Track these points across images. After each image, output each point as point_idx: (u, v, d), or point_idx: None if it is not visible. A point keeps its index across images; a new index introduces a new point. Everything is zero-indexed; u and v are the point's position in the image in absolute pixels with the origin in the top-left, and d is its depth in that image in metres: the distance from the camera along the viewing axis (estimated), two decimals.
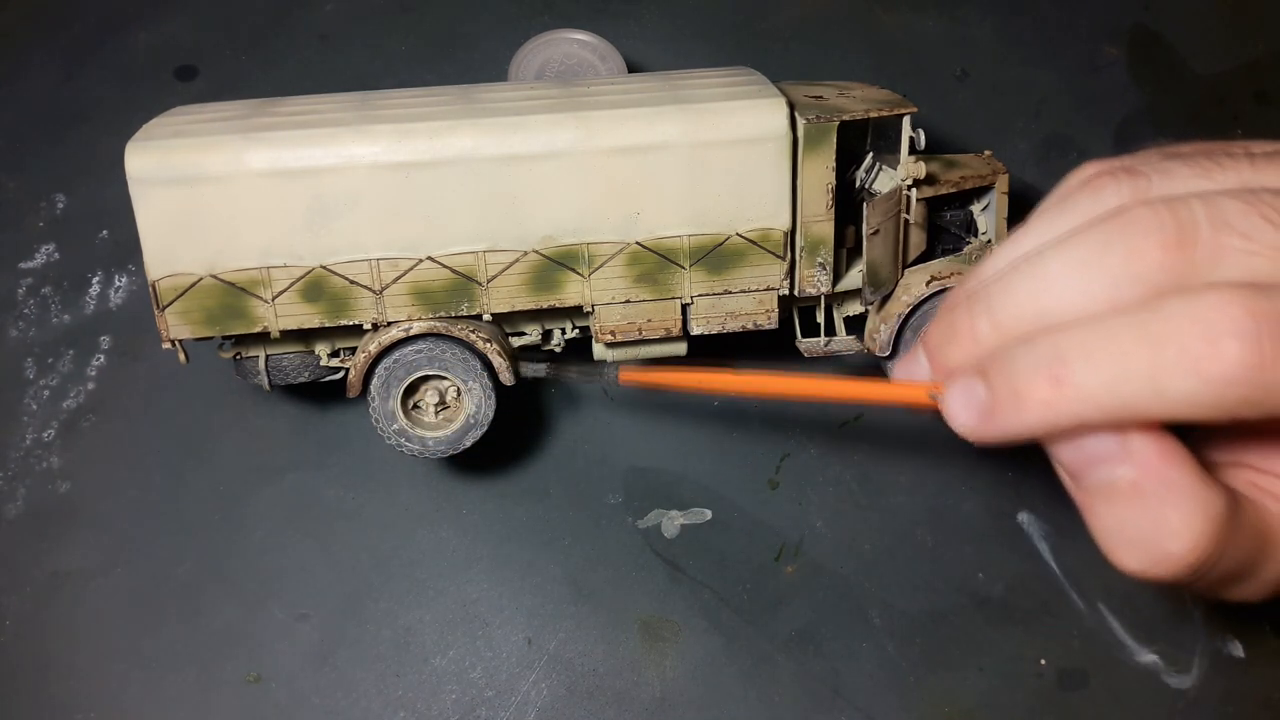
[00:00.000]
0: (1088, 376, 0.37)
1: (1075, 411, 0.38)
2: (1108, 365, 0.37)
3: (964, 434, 0.42)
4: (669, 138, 0.59)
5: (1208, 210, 0.38)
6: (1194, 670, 0.68)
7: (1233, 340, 0.35)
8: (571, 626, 0.68)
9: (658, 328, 0.63)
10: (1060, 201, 0.43)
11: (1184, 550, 0.38)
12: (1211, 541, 0.38)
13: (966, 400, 0.41)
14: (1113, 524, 0.40)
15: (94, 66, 0.85)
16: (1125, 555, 0.39)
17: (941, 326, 0.44)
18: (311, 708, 0.66)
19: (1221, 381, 0.35)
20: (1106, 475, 0.39)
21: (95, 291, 0.77)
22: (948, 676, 0.67)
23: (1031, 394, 0.39)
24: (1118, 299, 0.38)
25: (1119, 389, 0.37)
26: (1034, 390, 0.39)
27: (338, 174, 0.58)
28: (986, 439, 0.41)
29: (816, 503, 0.72)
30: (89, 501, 0.71)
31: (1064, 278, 0.40)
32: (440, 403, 0.64)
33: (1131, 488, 0.39)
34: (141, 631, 0.67)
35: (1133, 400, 0.37)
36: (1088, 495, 0.41)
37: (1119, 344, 0.37)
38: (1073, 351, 0.38)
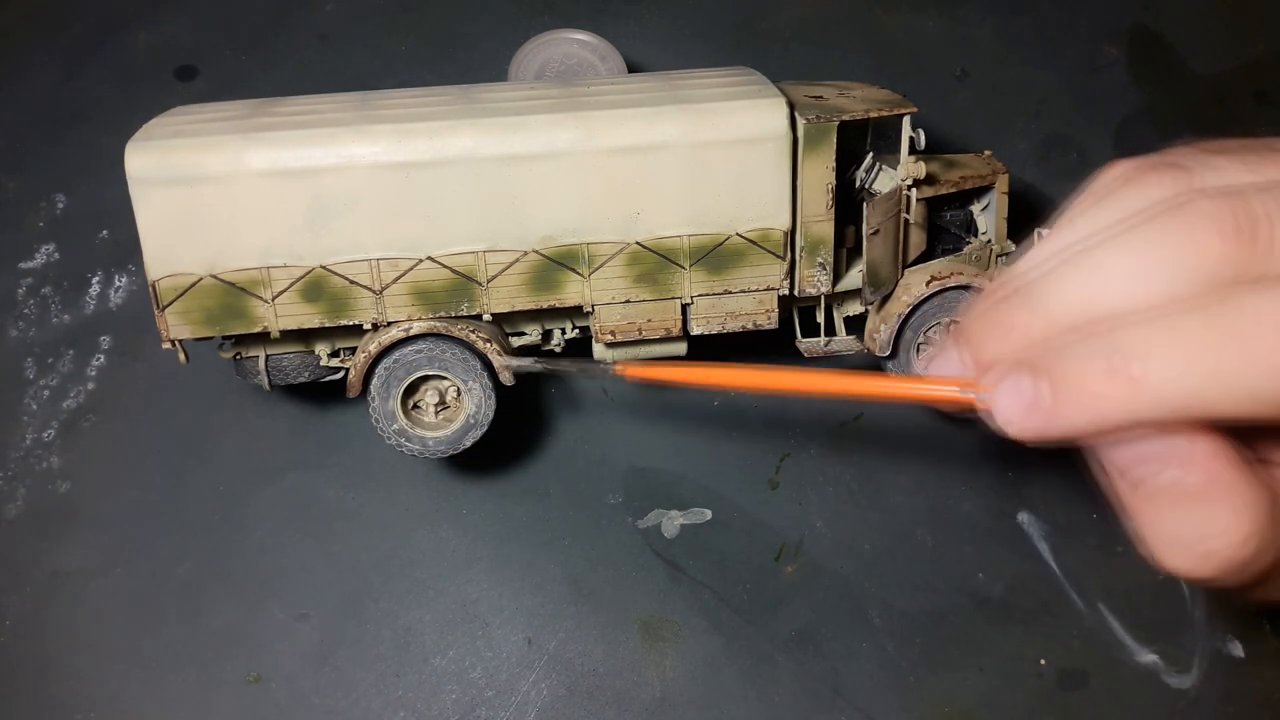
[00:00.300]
0: (1151, 371, 0.36)
1: (1135, 408, 0.36)
2: (1173, 359, 0.35)
3: (1011, 432, 0.40)
4: (669, 138, 0.59)
5: (1266, 202, 0.37)
6: (1194, 670, 0.68)
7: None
8: (571, 626, 0.68)
9: (658, 328, 0.63)
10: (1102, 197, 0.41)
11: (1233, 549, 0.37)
12: (1259, 540, 0.37)
13: (1015, 396, 0.39)
14: (1161, 525, 0.38)
15: (94, 66, 0.85)
16: (1173, 555, 0.38)
17: (984, 320, 0.42)
18: (311, 708, 0.66)
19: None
20: (1156, 476, 0.38)
21: (95, 291, 0.77)
22: (948, 676, 0.67)
23: (1088, 388, 0.37)
24: (1177, 292, 0.37)
25: (1184, 384, 0.35)
26: (1091, 384, 0.37)
27: (338, 174, 0.58)
28: (1036, 436, 0.39)
29: (816, 503, 0.72)
30: (89, 501, 0.71)
31: (1119, 269, 0.38)
32: (440, 403, 0.64)
33: (1182, 489, 0.37)
34: (141, 631, 0.67)
35: (1198, 396, 0.35)
36: (1135, 496, 0.39)
37: (1185, 337, 0.35)
38: (1134, 345, 0.36)
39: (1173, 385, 0.36)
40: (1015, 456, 0.74)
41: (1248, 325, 0.35)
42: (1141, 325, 0.37)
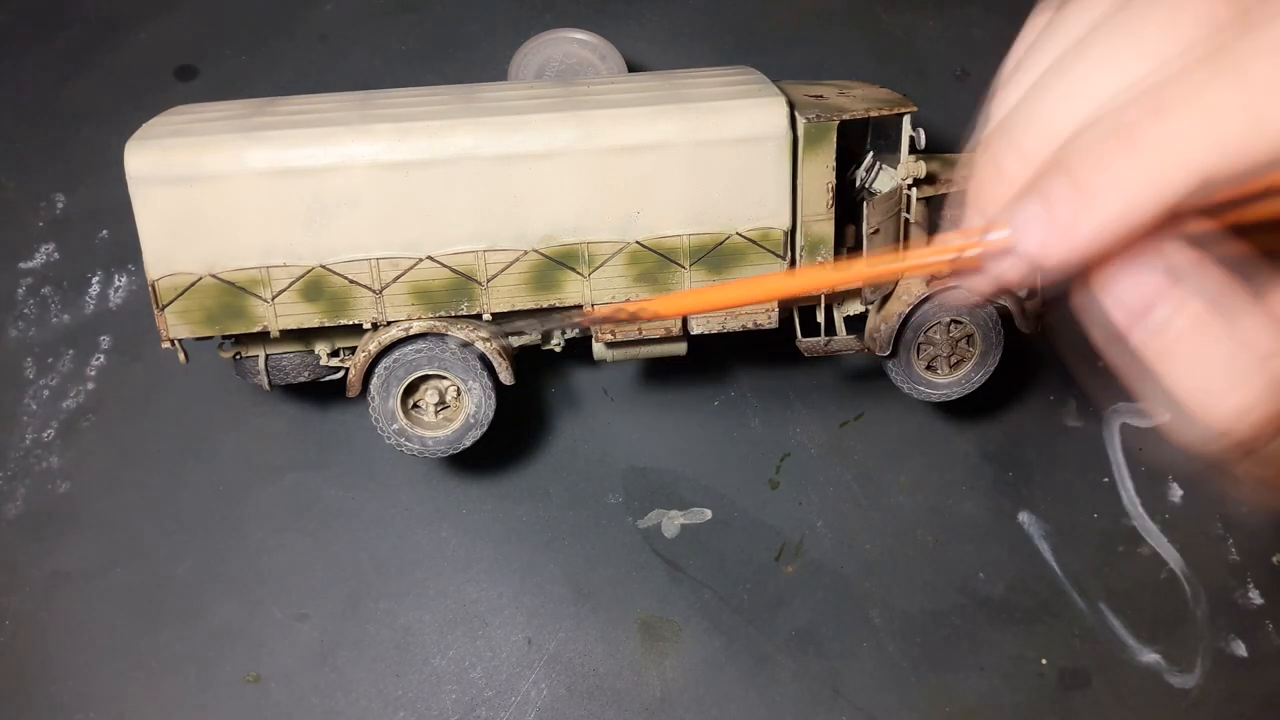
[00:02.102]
0: (1167, 127, 0.32)
1: (1162, 179, 0.32)
2: (1189, 108, 0.32)
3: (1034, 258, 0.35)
4: (669, 137, 0.59)
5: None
6: (1196, 670, 0.68)
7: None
8: (571, 626, 0.68)
9: (658, 327, 0.63)
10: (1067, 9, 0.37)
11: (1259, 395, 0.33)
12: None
13: (1032, 213, 0.34)
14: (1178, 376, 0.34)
15: (94, 66, 0.85)
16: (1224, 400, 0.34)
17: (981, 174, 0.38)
18: (311, 708, 0.66)
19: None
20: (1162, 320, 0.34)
21: (95, 291, 0.77)
22: (948, 676, 0.67)
23: (1108, 171, 0.32)
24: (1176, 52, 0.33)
25: (1209, 133, 0.31)
26: (1110, 164, 0.32)
27: (338, 173, 0.58)
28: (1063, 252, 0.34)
29: (816, 503, 0.72)
30: (89, 501, 0.71)
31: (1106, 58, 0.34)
32: (440, 402, 0.64)
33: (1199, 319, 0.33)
34: (141, 631, 0.67)
35: (1233, 144, 0.31)
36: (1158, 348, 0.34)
37: (1199, 83, 0.32)
38: (1143, 110, 0.32)
39: (1192, 136, 0.32)
40: (1015, 457, 0.74)
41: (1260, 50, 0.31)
42: (1151, 89, 0.33)
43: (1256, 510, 0.72)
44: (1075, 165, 0.33)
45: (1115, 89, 0.34)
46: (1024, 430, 0.75)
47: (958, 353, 0.66)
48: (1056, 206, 0.34)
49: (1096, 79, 0.34)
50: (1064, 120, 0.35)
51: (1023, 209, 0.35)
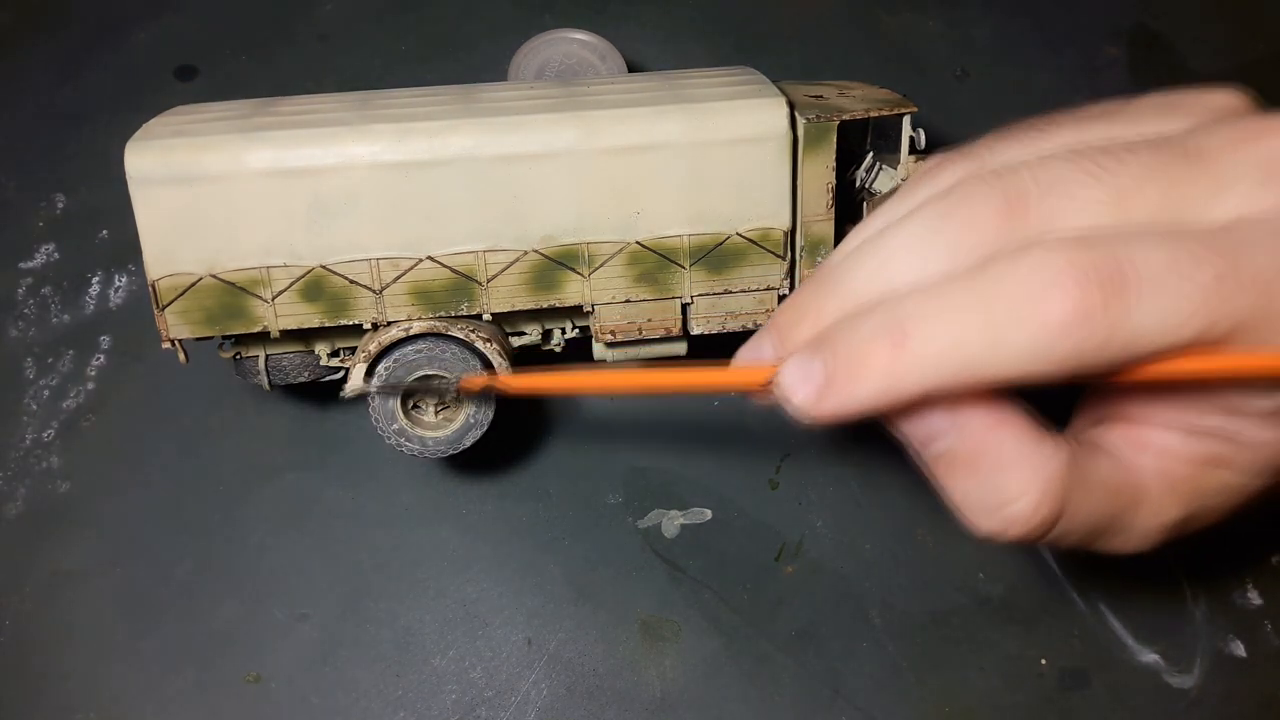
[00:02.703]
0: (926, 340, 0.38)
1: (916, 378, 0.38)
2: (945, 327, 0.37)
3: (800, 412, 0.41)
4: (669, 137, 0.59)
5: (1035, 174, 0.39)
6: (1195, 670, 0.68)
7: (1056, 291, 0.36)
8: (571, 626, 0.68)
9: (658, 327, 0.63)
10: (905, 189, 0.44)
11: (1027, 511, 0.39)
12: (1053, 500, 0.39)
13: (804, 375, 0.40)
14: (959, 493, 0.41)
15: (94, 66, 0.85)
16: (978, 521, 0.41)
17: (789, 307, 0.44)
18: (311, 708, 0.66)
19: (1051, 333, 0.36)
20: (945, 448, 0.40)
21: (95, 291, 0.77)
22: (948, 676, 0.67)
23: (871, 361, 0.39)
24: (955, 269, 0.39)
25: (958, 350, 0.37)
26: (874, 357, 0.38)
27: (338, 173, 0.58)
28: (823, 414, 0.40)
29: (816, 503, 0.72)
30: (89, 501, 0.71)
31: (904, 251, 0.40)
32: (440, 403, 0.64)
33: (967, 457, 0.40)
34: (141, 631, 0.67)
35: (972, 360, 0.37)
36: (935, 467, 0.41)
37: (954, 305, 0.37)
38: (911, 316, 0.38)
39: (944, 351, 0.38)
40: None
41: (1000, 287, 0.37)
42: (916, 296, 0.39)
43: (1256, 510, 0.72)
44: (853, 344, 0.39)
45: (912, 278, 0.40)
46: None
47: None
48: (828, 377, 0.40)
49: (901, 260, 0.40)
50: (863, 291, 0.41)
51: (799, 365, 0.41)
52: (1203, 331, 0.36)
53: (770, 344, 0.44)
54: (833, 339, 0.40)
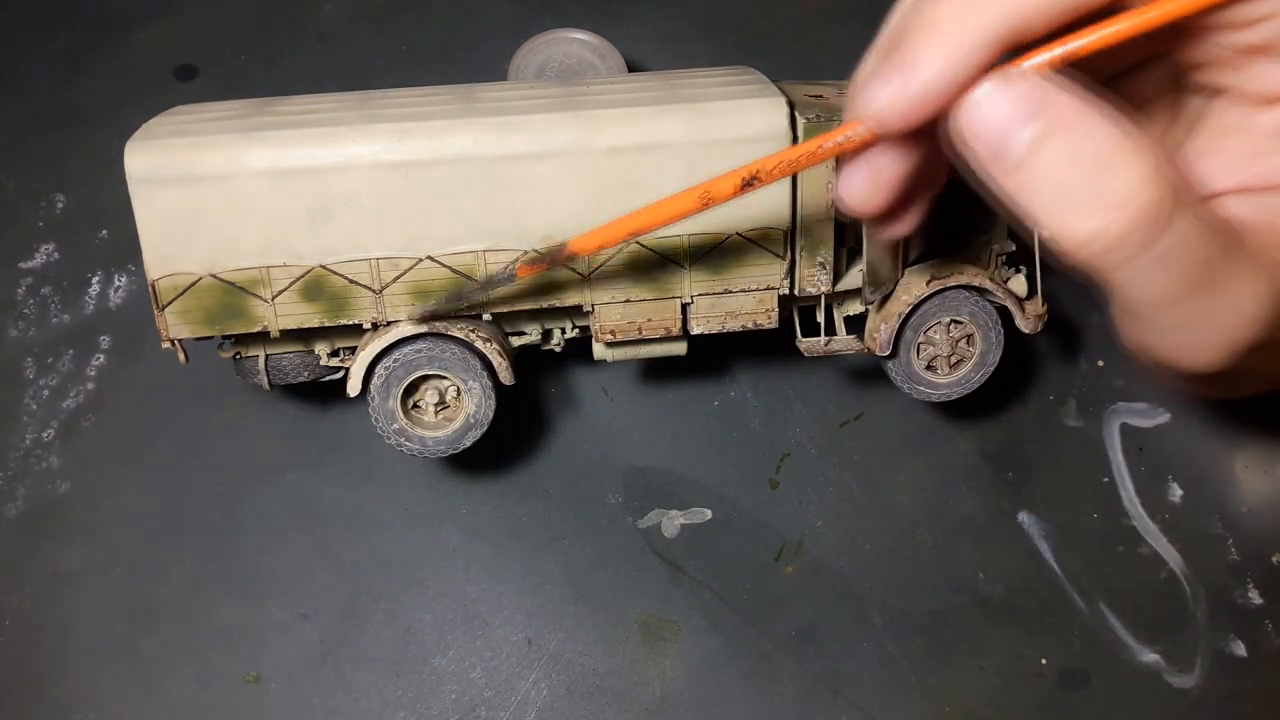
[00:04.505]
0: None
1: (987, 15, 0.35)
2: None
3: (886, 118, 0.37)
4: (669, 137, 0.59)
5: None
6: (1196, 670, 0.68)
7: None
8: (571, 626, 0.68)
9: (658, 327, 0.63)
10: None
11: (1137, 182, 0.35)
12: (1163, 176, 0.35)
13: (882, 76, 0.37)
14: (1051, 187, 0.36)
15: (94, 66, 0.85)
16: (1077, 219, 0.35)
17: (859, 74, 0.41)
18: (311, 708, 0.66)
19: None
20: (1033, 133, 0.36)
21: (95, 291, 0.77)
22: (948, 676, 0.67)
23: (940, 13, 0.36)
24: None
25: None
26: (942, 6, 0.36)
27: (337, 173, 0.58)
28: (912, 105, 0.37)
29: (816, 503, 0.72)
30: (89, 501, 0.71)
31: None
32: (440, 402, 0.64)
33: (1059, 141, 0.35)
34: (141, 631, 0.67)
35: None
36: (1016, 171, 0.36)
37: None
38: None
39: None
40: (1015, 457, 0.74)
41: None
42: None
43: (1256, 510, 0.72)
44: (919, 14, 0.37)
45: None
46: (1024, 430, 0.75)
47: (958, 353, 0.66)
48: (905, 58, 0.37)
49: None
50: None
51: (874, 73, 0.38)
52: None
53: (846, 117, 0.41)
54: (899, 28, 0.38)
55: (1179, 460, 0.74)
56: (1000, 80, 0.36)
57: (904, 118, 0.37)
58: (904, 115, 0.37)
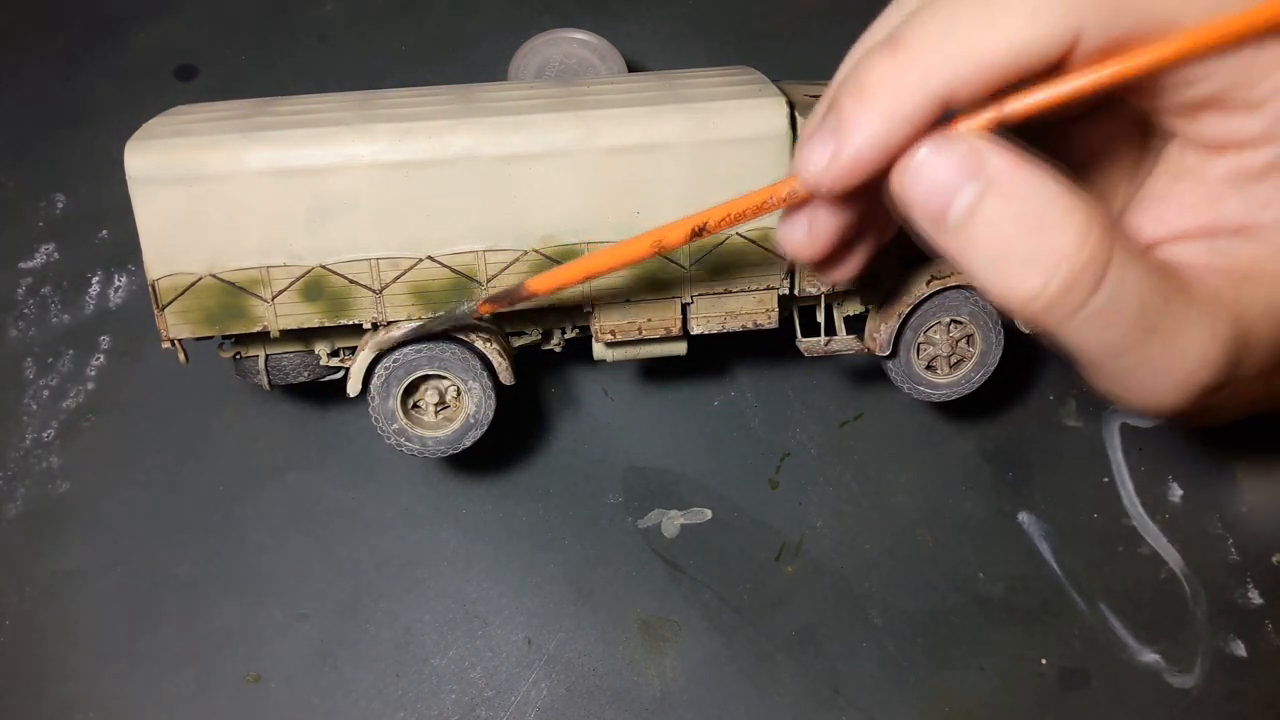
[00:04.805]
0: (921, 34, 0.36)
1: (920, 77, 0.36)
2: (940, 11, 0.36)
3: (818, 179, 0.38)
4: (669, 137, 0.59)
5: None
6: (1196, 670, 0.68)
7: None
8: (571, 626, 0.68)
9: (658, 327, 0.63)
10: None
11: (1076, 240, 0.35)
12: (1101, 231, 0.35)
13: (819, 139, 0.38)
14: (991, 248, 0.36)
15: (94, 66, 0.85)
16: (1017, 279, 0.36)
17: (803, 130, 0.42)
18: (311, 708, 0.66)
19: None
20: (970, 197, 0.36)
21: (95, 291, 0.77)
22: (948, 676, 0.67)
23: (873, 77, 0.36)
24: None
25: (955, 33, 0.36)
26: (873, 71, 0.36)
27: (338, 173, 0.58)
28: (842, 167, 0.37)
29: (816, 503, 0.72)
30: (89, 501, 0.71)
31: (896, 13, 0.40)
32: (440, 402, 0.64)
33: (996, 202, 0.36)
34: (141, 631, 0.67)
35: (972, 40, 0.35)
36: (956, 233, 0.37)
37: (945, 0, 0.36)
38: (906, 24, 0.37)
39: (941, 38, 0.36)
40: (1015, 457, 0.74)
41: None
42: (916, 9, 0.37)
43: (1256, 510, 0.72)
44: (854, 75, 0.37)
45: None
46: (1024, 430, 0.75)
47: (958, 353, 0.66)
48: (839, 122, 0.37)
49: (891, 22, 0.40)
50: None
51: (811, 135, 0.39)
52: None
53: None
54: (835, 90, 0.38)
55: (1179, 460, 0.74)
56: (936, 143, 0.37)
57: (837, 182, 0.38)
58: (836, 180, 0.38)
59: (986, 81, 0.36)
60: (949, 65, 0.36)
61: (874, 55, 0.37)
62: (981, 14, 0.35)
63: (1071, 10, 0.35)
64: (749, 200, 0.42)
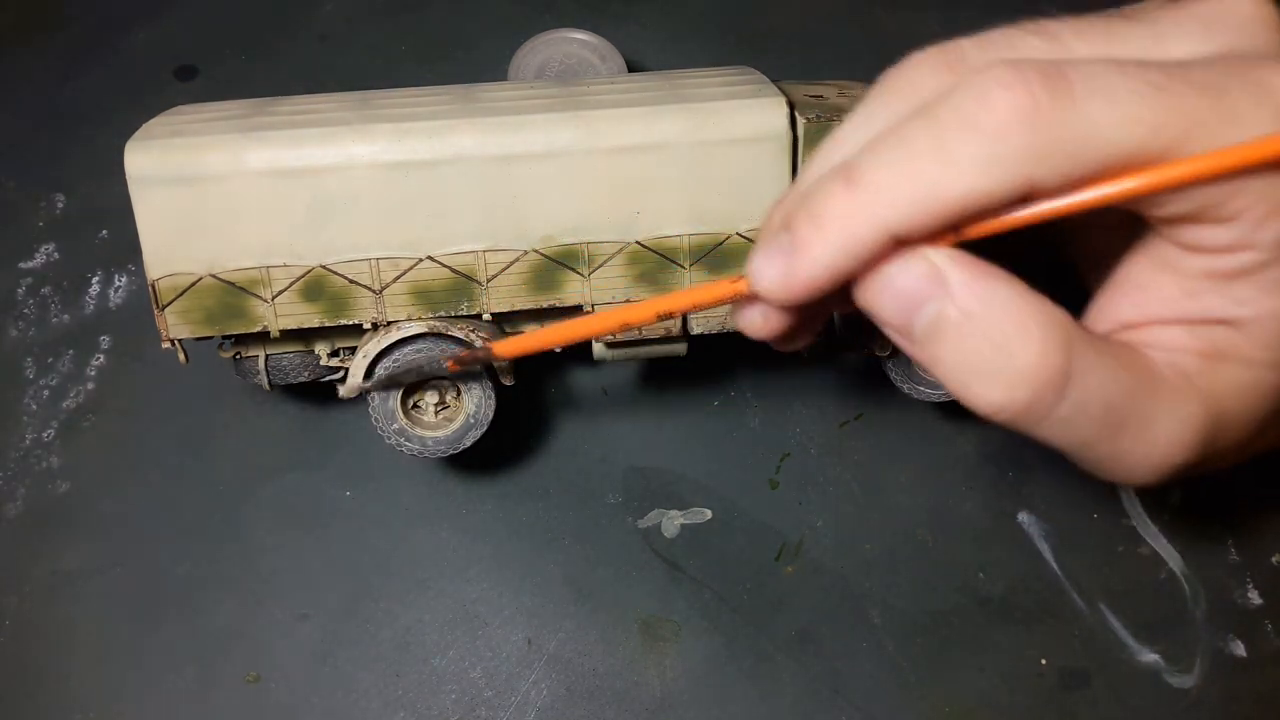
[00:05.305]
0: (876, 170, 0.37)
1: (872, 214, 0.37)
2: (893, 155, 0.37)
3: (769, 294, 0.40)
4: (669, 137, 0.59)
5: (974, 40, 0.41)
6: (1196, 670, 0.68)
7: (999, 90, 0.35)
8: (571, 626, 0.68)
9: (658, 327, 0.63)
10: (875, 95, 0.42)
11: (1035, 358, 0.36)
12: (1060, 346, 0.37)
13: (770, 255, 0.39)
14: (956, 362, 0.38)
15: (94, 66, 0.85)
16: (983, 392, 0.38)
17: (760, 231, 0.43)
18: (311, 708, 0.66)
19: (998, 134, 0.35)
20: (932, 314, 0.38)
21: (95, 291, 0.77)
22: (948, 676, 0.67)
23: (828, 208, 0.38)
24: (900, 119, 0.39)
25: (909, 174, 0.36)
26: (829, 203, 0.38)
27: (337, 173, 0.58)
28: (795, 286, 0.39)
29: (816, 503, 0.72)
30: (89, 501, 0.71)
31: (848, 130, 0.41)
32: (440, 403, 0.64)
33: (958, 317, 0.37)
34: (141, 631, 0.67)
35: (926, 183, 0.36)
36: (922, 345, 0.39)
37: (901, 137, 0.37)
38: (861, 158, 0.38)
39: (896, 178, 0.37)
40: (1015, 456, 0.74)
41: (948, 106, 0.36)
42: (873, 140, 0.38)
43: (1256, 510, 0.72)
44: (810, 202, 0.38)
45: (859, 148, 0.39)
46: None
47: None
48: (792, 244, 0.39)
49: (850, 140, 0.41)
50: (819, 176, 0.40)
51: (765, 245, 0.40)
52: (1154, 131, 0.35)
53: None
54: (790, 211, 0.39)
55: None
56: (900, 260, 0.38)
57: (788, 298, 0.39)
58: (788, 296, 0.39)
59: (940, 223, 0.37)
60: (901, 206, 0.37)
61: (830, 184, 0.38)
62: (935, 159, 0.36)
63: (1025, 160, 0.36)
64: (710, 292, 0.44)
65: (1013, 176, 0.36)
